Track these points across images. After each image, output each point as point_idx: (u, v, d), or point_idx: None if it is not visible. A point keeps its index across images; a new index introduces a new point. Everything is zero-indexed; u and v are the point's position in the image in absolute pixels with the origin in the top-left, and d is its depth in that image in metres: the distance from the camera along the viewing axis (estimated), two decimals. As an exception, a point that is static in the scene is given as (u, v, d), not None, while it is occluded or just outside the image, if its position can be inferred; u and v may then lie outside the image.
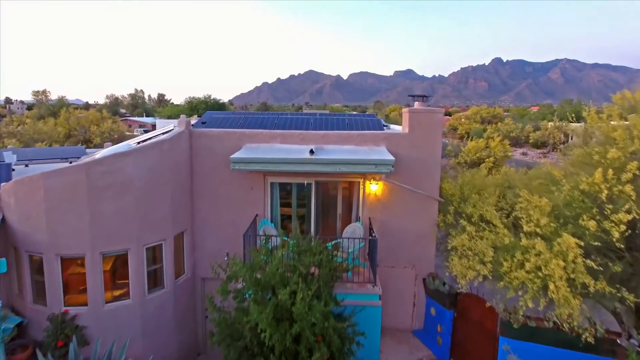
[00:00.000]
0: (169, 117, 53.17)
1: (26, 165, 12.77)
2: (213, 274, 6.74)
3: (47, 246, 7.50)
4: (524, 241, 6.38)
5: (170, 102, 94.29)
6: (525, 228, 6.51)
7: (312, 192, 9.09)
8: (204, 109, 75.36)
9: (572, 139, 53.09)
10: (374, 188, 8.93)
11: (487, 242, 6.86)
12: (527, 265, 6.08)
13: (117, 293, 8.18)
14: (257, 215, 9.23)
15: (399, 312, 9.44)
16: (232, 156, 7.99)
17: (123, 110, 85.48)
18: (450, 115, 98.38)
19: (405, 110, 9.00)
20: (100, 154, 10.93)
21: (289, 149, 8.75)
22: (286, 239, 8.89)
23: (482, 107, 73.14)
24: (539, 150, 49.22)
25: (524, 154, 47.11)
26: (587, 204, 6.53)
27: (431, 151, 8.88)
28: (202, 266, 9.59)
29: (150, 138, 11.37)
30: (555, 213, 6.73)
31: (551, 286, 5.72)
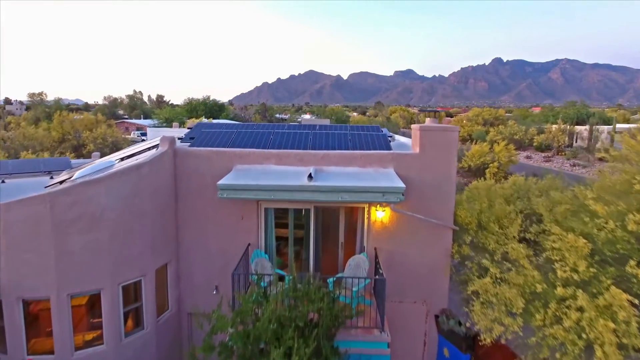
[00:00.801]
0: (167, 120, 52.12)
1: (2, 181, 11.80)
2: (197, 326, 5.78)
3: (6, 288, 6.52)
4: (559, 290, 5.41)
5: (170, 102, 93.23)
6: (559, 273, 5.54)
7: (311, 218, 8.12)
8: (203, 110, 74.22)
9: (576, 141, 52.29)
10: (380, 215, 7.95)
11: (514, 289, 5.87)
12: (566, 322, 5.11)
13: (89, 337, 7.21)
14: (249, 244, 8.25)
15: (407, 352, 8.46)
16: (219, 182, 7.01)
17: (121, 112, 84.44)
18: (451, 117, 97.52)
19: (415, 127, 8.02)
20: (85, 168, 9.98)
21: (284, 172, 7.77)
22: (281, 272, 7.95)
23: (483, 109, 72.28)
24: (543, 154, 48.29)
25: (528, 157, 46.19)
26: (634, 245, 5.57)
27: (445, 174, 7.90)
28: (188, 300, 8.62)
29: (134, 154, 10.41)
30: (591, 250, 5.77)
31: (598, 352, 4.74)
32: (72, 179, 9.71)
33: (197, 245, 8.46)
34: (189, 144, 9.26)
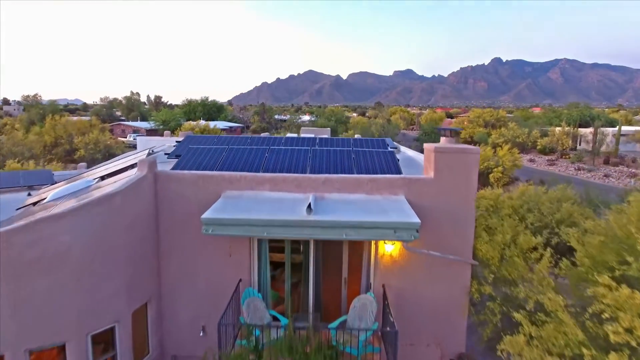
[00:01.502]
0: (164, 122, 51.05)
1: (-28, 200, 10.81)
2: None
3: (-49, 343, 5.54)
4: (613, 358, 4.44)
5: (168, 103, 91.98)
6: (612, 337, 4.57)
7: (311, 252, 7.14)
8: (201, 112, 73.22)
9: (580, 144, 51.32)
10: (389, 249, 6.97)
11: (555, 350, 4.89)
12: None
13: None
14: (240, 280, 7.27)
15: (419, 400, 7.49)
16: (203, 216, 6.02)
17: (118, 113, 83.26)
18: (452, 118, 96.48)
19: (429, 148, 7.04)
20: (60, 189, 9.00)
21: (280, 200, 6.79)
22: (276, 314, 6.98)
23: (485, 110, 71.37)
24: (546, 157, 47.36)
25: (531, 160, 45.24)
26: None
27: (463, 202, 6.92)
28: (172, 341, 7.64)
29: (118, 171, 9.43)
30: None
31: None
32: (44, 201, 8.73)
33: (182, 280, 7.47)
34: (174, 162, 8.29)
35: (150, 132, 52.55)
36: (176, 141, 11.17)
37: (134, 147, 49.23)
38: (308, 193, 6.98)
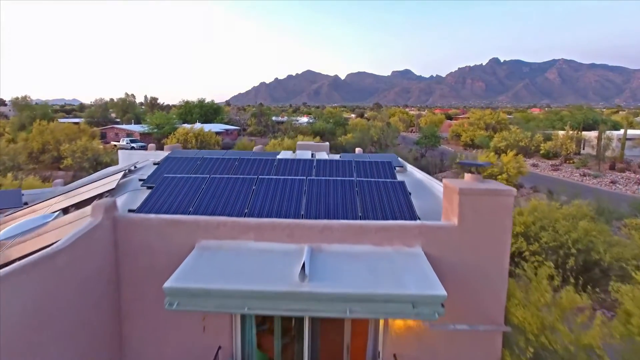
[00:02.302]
0: (157, 126, 49.52)
1: None
2: None
3: None
4: None
5: (165, 105, 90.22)
6: None
7: (305, 329, 5.79)
8: (198, 114, 71.59)
9: (584, 148, 50.13)
10: (402, 313, 5.64)
11: None
12: None
13: None
14: (220, 348, 5.93)
15: None
16: (165, 285, 4.66)
17: (113, 115, 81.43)
18: (451, 119, 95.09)
19: (451, 187, 5.70)
20: (11, 226, 7.64)
21: (267, 254, 5.44)
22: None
23: (485, 112, 70.31)
24: (550, 162, 46.15)
25: (534, 165, 44.01)
26: None
27: (494, 256, 5.60)
28: (138, 418, 6.29)
29: (86, 200, 8.09)
30: None
31: None
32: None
33: (149, 347, 6.12)
34: (148, 193, 6.94)
35: (144, 136, 51.03)
36: (154, 163, 9.83)
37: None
38: (302, 244, 5.65)
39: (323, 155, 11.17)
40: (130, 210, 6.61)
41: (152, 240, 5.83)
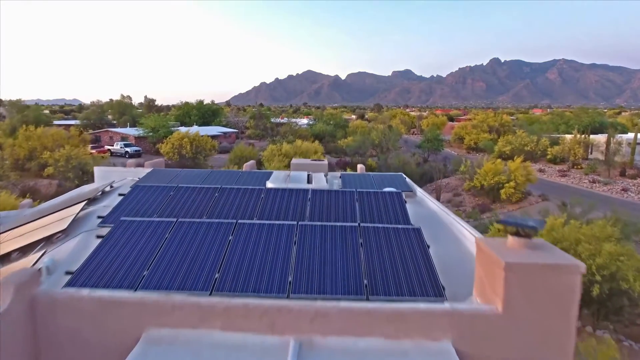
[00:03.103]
0: (153, 129, 47.82)
1: None
2: None
3: None
4: None
5: (162, 106, 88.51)
6: None
7: None
8: (196, 115, 69.82)
9: (591, 152, 48.49)
10: None
11: None
12: None
13: None
14: None
15: None
16: None
17: (110, 117, 79.68)
18: (452, 120, 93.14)
19: (490, 253, 4.13)
20: None
21: (238, 353, 3.88)
22: None
23: (488, 114, 68.82)
24: (557, 167, 44.50)
25: (541, 170, 42.37)
26: None
27: (554, 354, 4.04)
28: None
29: (43, 238, 6.52)
30: None
31: None
32: None
33: None
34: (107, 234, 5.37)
35: (139, 140, 49.45)
36: (119, 194, 8.27)
37: (122, 155, 45.74)
38: (287, 336, 4.08)
39: (321, 181, 9.61)
40: (67, 273, 5.07)
41: (84, 328, 4.26)
